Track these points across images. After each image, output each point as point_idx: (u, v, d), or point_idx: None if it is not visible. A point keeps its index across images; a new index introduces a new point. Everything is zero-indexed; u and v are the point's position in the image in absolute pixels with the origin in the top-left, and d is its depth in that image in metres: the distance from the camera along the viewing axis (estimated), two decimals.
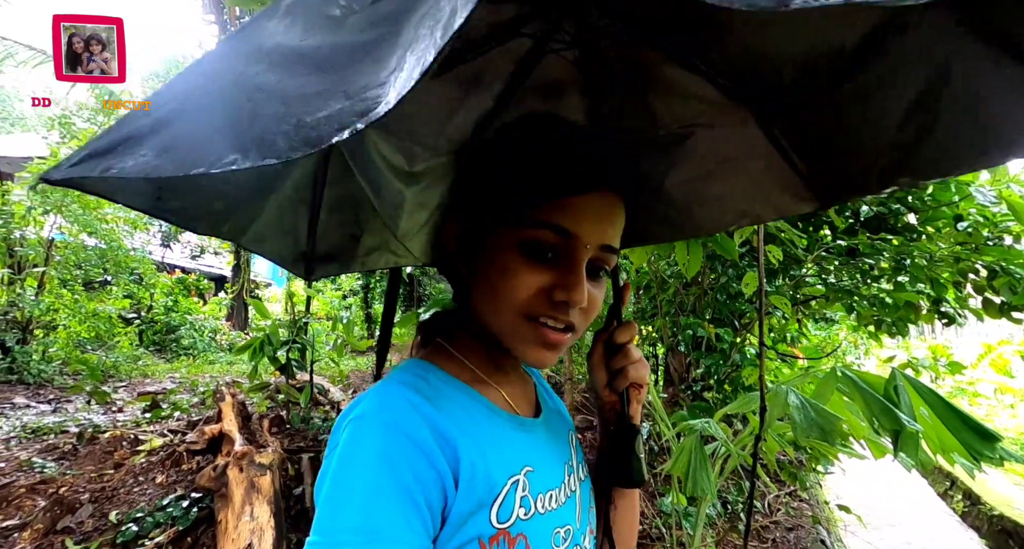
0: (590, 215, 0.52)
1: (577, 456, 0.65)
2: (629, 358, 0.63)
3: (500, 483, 0.49)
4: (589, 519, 0.62)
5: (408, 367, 0.56)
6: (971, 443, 1.02)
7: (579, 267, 0.51)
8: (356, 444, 0.44)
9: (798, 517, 3.63)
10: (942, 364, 7.05)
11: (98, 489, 2.34)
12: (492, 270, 0.53)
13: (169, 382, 6.53)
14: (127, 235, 8.72)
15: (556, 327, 0.52)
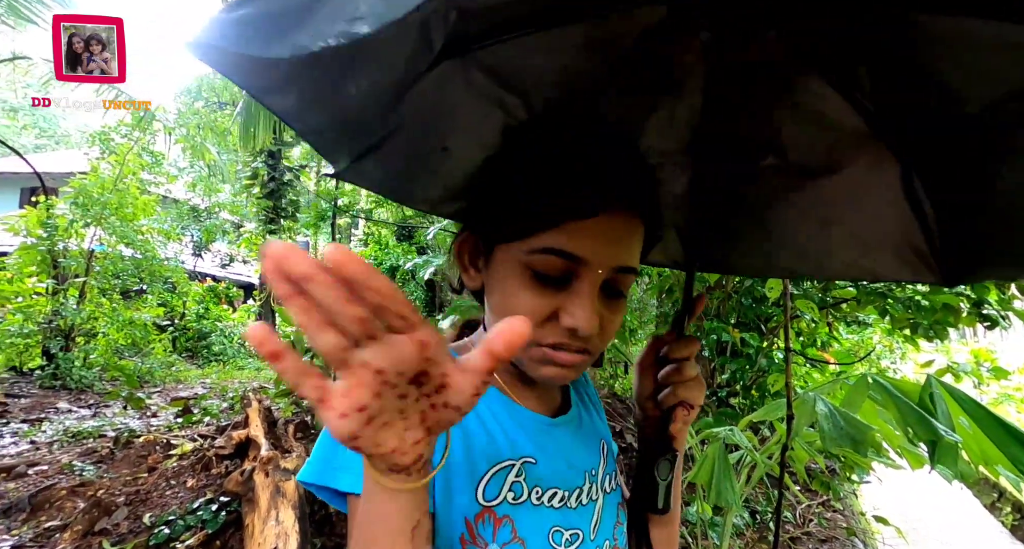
0: (602, 238, 0.48)
1: (608, 467, 0.63)
2: (683, 375, 0.59)
3: (487, 461, 0.50)
4: (614, 535, 0.59)
5: None
6: (1017, 454, 0.96)
7: (590, 294, 0.48)
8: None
9: (832, 528, 3.49)
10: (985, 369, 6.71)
11: (133, 492, 2.42)
12: (502, 288, 0.52)
13: (200, 388, 6.73)
14: (161, 245, 9.07)
15: (566, 349, 0.50)
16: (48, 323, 6.69)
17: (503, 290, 0.51)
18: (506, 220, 0.50)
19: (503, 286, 0.51)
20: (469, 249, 0.57)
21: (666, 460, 0.60)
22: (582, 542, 0.54)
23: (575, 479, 0.57)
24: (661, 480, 0.60)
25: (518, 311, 0.48)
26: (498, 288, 0.52)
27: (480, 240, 0.55)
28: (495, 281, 0.53)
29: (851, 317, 4.35)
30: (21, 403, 4.79)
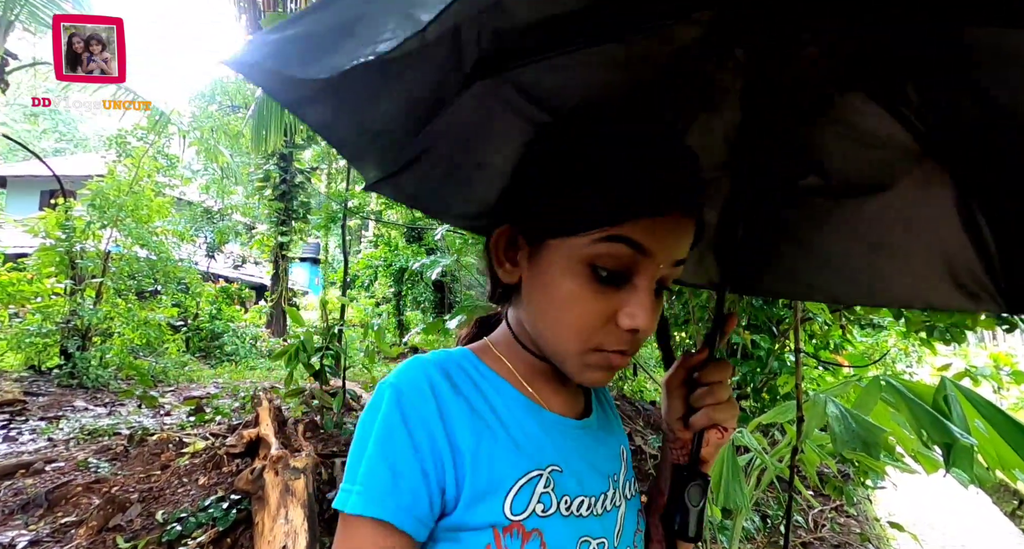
0: (669, 233, 0.48)
1: (627, 473, 0.61)
2: (716, 397, 0.56)
3: (512, 473, 0.48)
4: (635, 542, 0.58)
5: (454, 351, 0.56)
6: None
7: (650, 290, 0.48)
8: (370, 408, 0.48)
9: (845, 534, 3.44)
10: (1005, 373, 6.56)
11: (146, 489, 2.46)
12: (553, 288, 0.49)
13: (213, 387, 6.82)
14: (175, 247, 9.22)
15: (619, 351, 0.49)
16: (66, 323, 6.82)
17: (555, 288, 0.49)
18: (569, 212, 0.48)
19: (554, 283, 0.49)
20: (506, 242, 0.55)
21: (697, 485, 0.57)
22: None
23: (600, 484, 0.55)
24: (693, 506, 0.57)
25: (580, 313, 0.48)
26: (547, 285, 0.50)
27: (524, 233, 0.53)
28: (542, 277, 0.50)
29: (865, 320, 4.29)
30: (39, 401, 4.89)
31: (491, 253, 0.56)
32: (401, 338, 12.14)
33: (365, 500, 0.43)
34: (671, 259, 0.49)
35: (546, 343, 0.52)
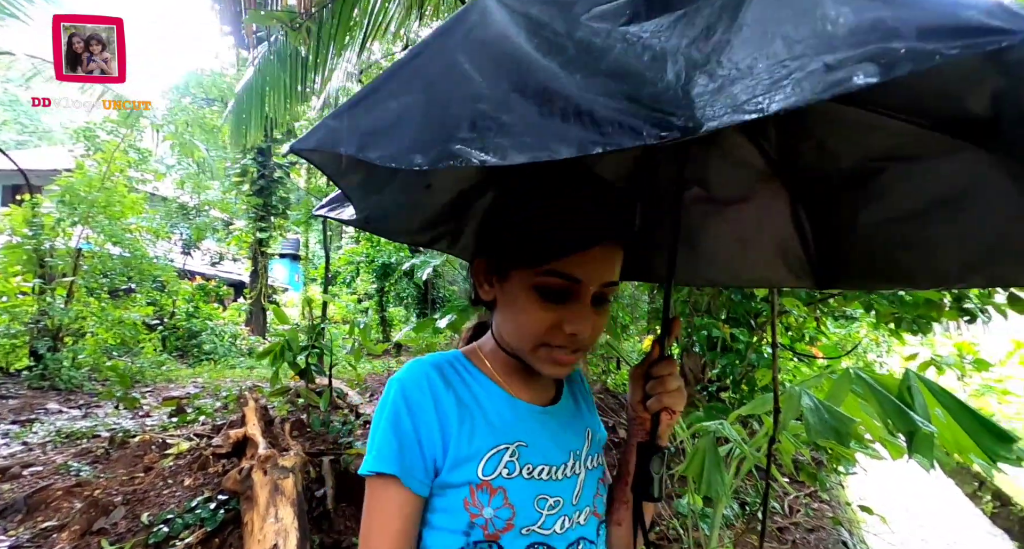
0: (596, 262, 0.62)
1: (591, 449, 0.74)
2: (665, 387, 0.69)
3: (487, 445, 0.63)
4: (593, 504, 0.71)
5: (448, 353, 0.72)
6: (987, 444, 1.02)
7: (585, 305, 0.63)
8: (383, 397, 0.65)
9: (819, 518, 3.58)
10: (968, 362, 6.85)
11: (130, 492, 2.43)
12: (513, 304, 0.65)
13: (192, 387, 6.70)
14: (150, 244, 8.97)
15: (566, 350, 0.64)
16: (35, 323, 6.60)
17: (516, 305, 0.65)
18: (524, 251, 0.63)
19: (516, 302, 0.64)
20: (484, 270, 0.70)
21: (657, 457, 0.70)
22: (563, 506, 0.66)
23: (560, 456, 0.68)
24: (655, 473, 0.69)
25: (530, 321, 0.63)
26: (512, 303, 0.66)
27: (495, 264, 0.68)
28: (509, 297, 0.66)
29: (839, 312, 4.44)
30: (10, 404, 4.74)
31: (473, 279, 0.72)
32: (384, 335, 12.08)
33: (378, 461, 0.60)
34: (600, 282, 0.63)
35: (510, 344, 0.69)
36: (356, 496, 2.52)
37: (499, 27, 0.39)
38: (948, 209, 0.66)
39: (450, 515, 0.62)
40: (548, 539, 0.64)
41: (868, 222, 0.76)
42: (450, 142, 0.34)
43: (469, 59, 0.39)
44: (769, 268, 0.95)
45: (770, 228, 0.90)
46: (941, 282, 0.77)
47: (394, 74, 0.44)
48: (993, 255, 0.64)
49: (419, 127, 0.38)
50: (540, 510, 0.64)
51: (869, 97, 0.63)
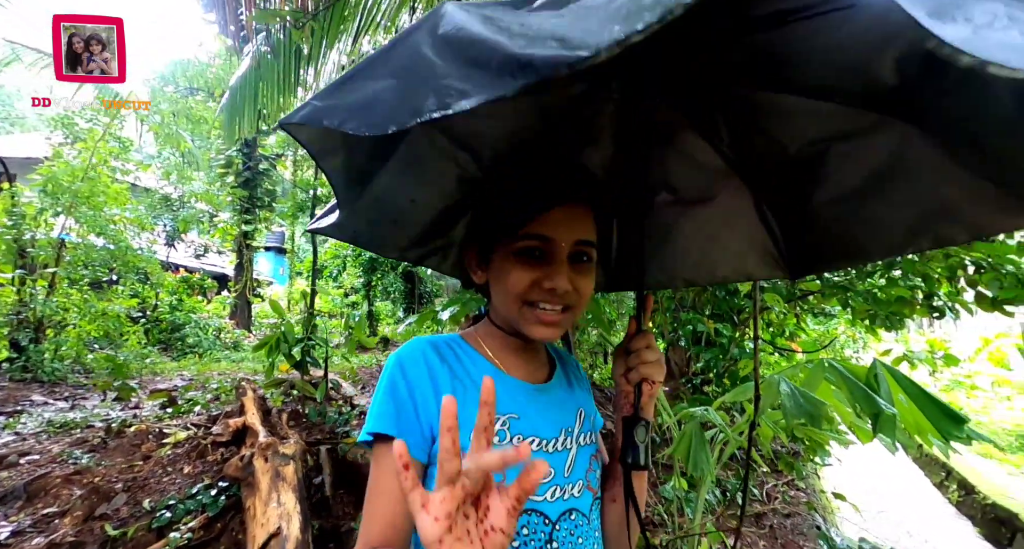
0: (563, 221, 0.69)
1: (583, 427, 0.79)
2: (642, 358, 0.75)
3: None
4: (587, 478, 0.75)
5: (446, 335, 0.79)
6: (942, 425, 1.14)
7: (559, 261, 0.69)
8: (384, 371, 0.71)
9: (795, 505, 3.76)
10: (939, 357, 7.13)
11: (130, 479, 2.47)
12: (500, 276, 0.72)
13: (179, 380, 6.66)
14: (135, 235, 8.84)
15: (552, 309, 0.70)
16: (16, 314, 6.49)
17: (503, 274, 0.71)
18: (497, 225, 0.71)
19: (502, 272, 0.71)
20: (474, 257, 0.78)
21: (641, 426, 0.75)
22: (554, 477, 0.70)
23: (551, 431, 0.73)
24: (640, 442, 0.74)
25: (513, 282, 0.69)
26: (499, 275, 0.72)
27: (480, 249, 0.76)
28: (496, 272, 0.73)
29: (818, 308, 4.62)
30: None
31: (467, 265, 0.80)
32: (371, 329, 12.06)
33: (376, 423, 0.65)
34: (571, 239, 0.69)
35: (503, 311, 0.74)
36: (353, 483, 2.59)
37: (457, 21, 0.46)
38: (885, 181, 0.72)
39: None
40: (539, 505, 0.68)
41: (820, 204, 0.82)
42: (417, 114, 0.42)
43: (432, 49, 0.46)
44: (743, 261, 1.01)
45: (738, 224, 0.96)
46: (893, 251, 0.79)
47: (371, 62, 0.52)
48: (932, 218, 0.70)
49: (392, 103, 0.47)
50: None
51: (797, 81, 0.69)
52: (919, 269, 2.73)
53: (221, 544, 2.13)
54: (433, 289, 14.03)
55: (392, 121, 0.45)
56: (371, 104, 0.49)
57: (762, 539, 3.02)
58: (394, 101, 0.47)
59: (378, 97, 0.48)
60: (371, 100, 0.49)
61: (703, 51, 0.71)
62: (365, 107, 0.49)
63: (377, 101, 0.48)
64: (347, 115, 0.49)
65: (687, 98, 0.83)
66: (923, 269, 2.75)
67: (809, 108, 0.71)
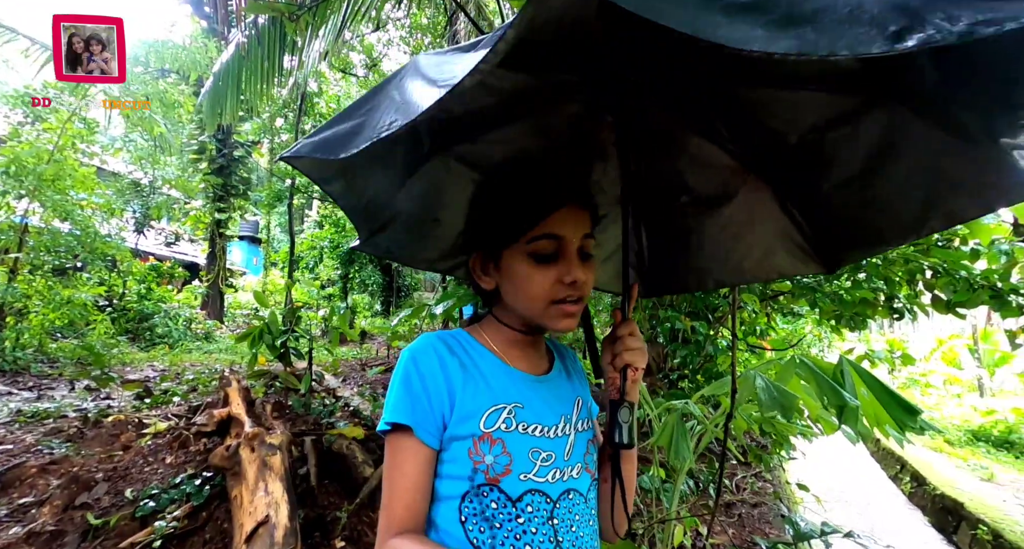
0: (570, 220, 0.75)
1: (580, 414, 0.84)
2: (626, 345, 0.80)
3: (488, 403, 0.73)
4: (584, 461, 0.80)
5: (453, 331, 0.83)
6: (898, 416, 1.25)
7: (573, 256, 0.75)
8: (398, 365, 0.75)
9: (762, 495, 3.94)
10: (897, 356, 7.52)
11: (110, 469, 2.44)
12: (514, 279, 0.76)
13: (150, 371, 6.51)
14: (102, 221, 8.52)
15: (573, 301, 0.75)
16: None
17: (519, 279, 0.76)
18: (508, 230, 0.75)
19: (517, 275, 0.76)
20: (480, 263, 0.82)
21: (625, 407, 0.80)
22: (555, 461, 0.75)
23: (552, 418, 0.78)
24: (623, 422, 0.80)
25: (535, 287, 0.75)
26: (513, 278, 0.77)
27: (486, 254, 0.80)
28: (509, 276, 0.77)
29: (787, 309, 4.83)
30: None
31: (472, 274, 0.83)
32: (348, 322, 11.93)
33: (393, 413, 0.70)
34: (579, 234, 0.75)
35: (524, 313, 0.79)
36: (338, 474, 2.62)
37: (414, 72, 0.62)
38: (886, 161, 0.73)
39: (457, 464, 0.70)
40: (542, 486, 0.72)
41: (830, 190, 0.84)
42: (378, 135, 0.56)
43: (398, 92, 0.61)
44: (773, 258, 1.01)
45: (762, 220, 0.96)
46: (909, 233, 0.79)
47: (352, 108, 0.67)
48: (940, 194, 0.71)
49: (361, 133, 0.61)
50: (534, 461, 0.73)
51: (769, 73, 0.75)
52: (882, 272, 2.90)
53: (207, 533, 2.14)
54: (412, 282, 13.96)
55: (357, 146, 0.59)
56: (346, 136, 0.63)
57: (731, 527, 3.17)
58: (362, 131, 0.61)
59: (351, 131, 0.63)
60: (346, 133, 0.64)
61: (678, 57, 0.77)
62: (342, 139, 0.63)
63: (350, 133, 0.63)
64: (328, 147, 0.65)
65: (676, 105, 0.89)
66: (886, 272, 2.92)
67: (793, 98, 0.78)
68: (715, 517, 1.79)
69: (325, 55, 4.30)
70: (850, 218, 0.87)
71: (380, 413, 3.29)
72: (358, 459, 2.62)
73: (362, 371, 5.66)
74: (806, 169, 0.85)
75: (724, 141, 0.92)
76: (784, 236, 0.97)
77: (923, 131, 0.67)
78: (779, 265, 1.02)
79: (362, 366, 6.10)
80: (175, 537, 2.07)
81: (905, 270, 2.89)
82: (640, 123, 0.90)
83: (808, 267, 0.98)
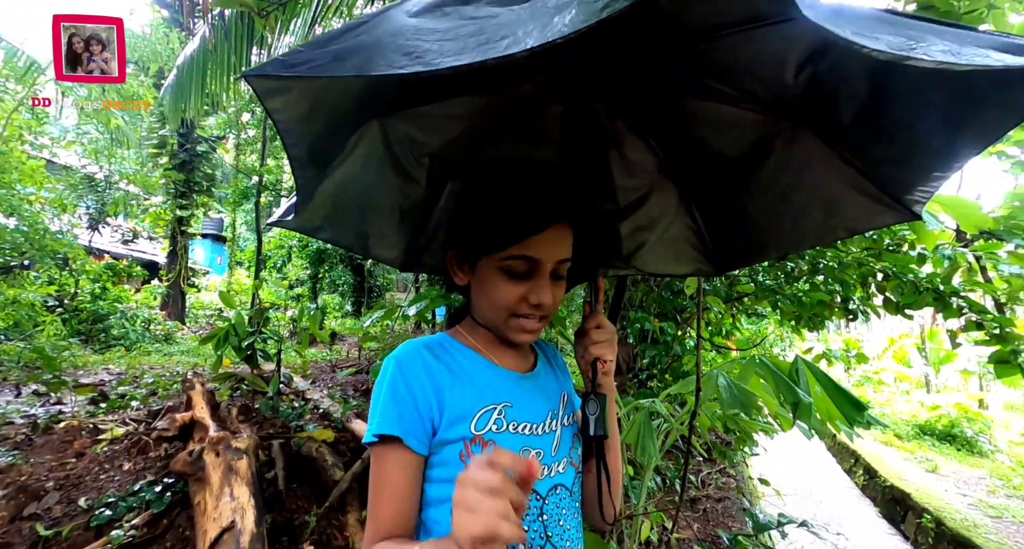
0: (549, 243, 0.74)
1: (565, 410, 0.85)
2: (594, 338, 0.83)
3: (478, 405, 0.73)
4: (570, 455, 0.82)
5: (435, 335, 0.82)
6: (848, 412, 1.33)
7: (544, 279, 0.75)
8: (382, 373, 0.74)
9: (726, 490, 4.08)
10: (852, 355, 7.91)
11: (62, 477, 2.33)
12: (485, 285, 0.77)
13: (105, 374, 6.21)
14: (52, 218, 8.09)
15: (534, 319, 0.77)
16: None
17: (488, 285, 0.76)
18: (488, 241, 0.75)
19: (488, 284, 0.76)
20: (456, 260, 0.82)
21: (592, 399, 0.82)
22: (544, 457, 0.76)
23: (540, 415, 0.79)
24: (591, 414, 0.82)
25: (501, 298, 0.75)
26: (483, 284, 0.77)
27: (463, 254, 0.80)
28: (481, 282, 0.78)
29: (751, 309, 5.01)
30: None
31: (448, 268, 0.83)
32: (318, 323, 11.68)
33: (381, 424, 0.68)
34: (555, 259, 0.75)
35: (485, 319, 0.80)
36: (307, 477, 2.58)
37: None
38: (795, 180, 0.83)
39: (448, 468, 0.69)
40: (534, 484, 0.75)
41: (743, 205, 0.93)
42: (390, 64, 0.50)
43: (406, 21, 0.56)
44: (676, 260, 1.07)
45: (671, 218, 1.03)
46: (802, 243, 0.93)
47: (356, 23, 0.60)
48: (836, 207, 0.83)
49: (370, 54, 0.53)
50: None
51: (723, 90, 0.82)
52: (838, 276, 3.04)
53: (167, 541, 2.07)
54: (383, 283, 13.78)
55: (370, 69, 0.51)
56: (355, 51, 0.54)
57: (696, 521, 3.27)
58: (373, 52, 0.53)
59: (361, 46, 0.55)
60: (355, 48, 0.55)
61: (640, 58, 0.81)
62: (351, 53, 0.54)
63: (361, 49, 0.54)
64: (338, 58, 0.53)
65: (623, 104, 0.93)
66: (841, 276, 3.06)
67: (733, 118, 0.83)
68: (679, 512, 1.85)
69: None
70: (757, 230, 0.96)
71: (350, 415, 3.26)
72: (327, 462, 2.58)
73: (332, 373, 5.56)
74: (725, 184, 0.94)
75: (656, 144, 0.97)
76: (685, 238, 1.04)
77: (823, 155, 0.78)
78: (680, 267, 1.09)
79: (332, 368, 5.99)
80: (133, 546, 1.99)
81: (859, 273, 3.04)
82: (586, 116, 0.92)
83: (701, 269, 1.06)
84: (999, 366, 2.02)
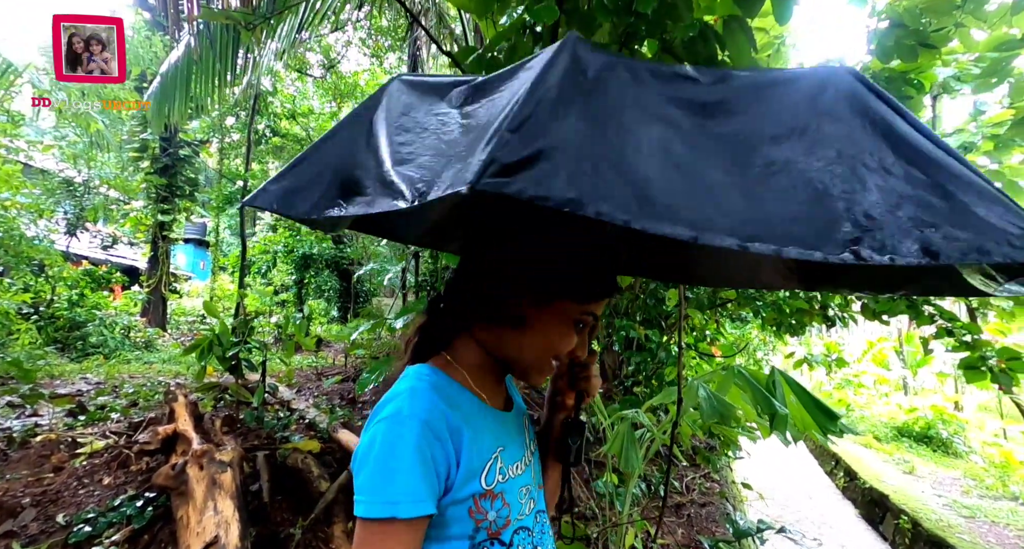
0: (603, 305, 0.80)
1: (530, 436, 0.87)
2: (588, 372, 0.86)
3: (486, 458, 0.69)
4: (541, 479, 0.86)
5: (427, 374, 0.73)
6: (821, 421, 1.38)
7: (586, 337, 0.80)
8: (399, 435, 0.62)
9: (710, 495, 4.13)
10: (832, 359, 8.06)
11: (39, 493, 2.28)
12: (548, 328, 0.73)
13: (83, 384, 6.07)
14: (28, 223, 7.90)
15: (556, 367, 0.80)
16: None
17: (552, 331, 0.74)
18: (578, 291, 0.74)
19: (553, 329, 0.74)
20: (529, 295, 0.73)
21: (576, 430, 0.88)
22: (531, 491, 0.78)
23: (522, 450, 0.80)
24: (572, 443, 0.88)
25: (561, 344, 0.75)
26: (548, 328, 0.74)
27: (539, 295, 0.73)
28: (545, 323, 0.73)
29: (735, 315, 5.10)
30: None
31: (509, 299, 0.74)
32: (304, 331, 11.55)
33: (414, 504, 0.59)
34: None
35: (526, 354, 0.76)
36: (292, 489, 2.56)
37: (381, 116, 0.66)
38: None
39: (456, 525, 0.66)
40: (525, 521, 0.74)
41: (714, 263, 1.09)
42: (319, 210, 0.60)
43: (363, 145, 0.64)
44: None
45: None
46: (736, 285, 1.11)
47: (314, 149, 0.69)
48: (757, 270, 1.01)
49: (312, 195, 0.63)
50: (522, 500, 0.74)
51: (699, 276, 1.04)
52: None
53: None
54: (370, 288, 13.69)
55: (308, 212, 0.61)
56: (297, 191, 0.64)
57: (681, 527, 3.31)
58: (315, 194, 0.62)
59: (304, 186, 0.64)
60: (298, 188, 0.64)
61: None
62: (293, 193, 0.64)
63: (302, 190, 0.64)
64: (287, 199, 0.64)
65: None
66: None
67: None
68: (662, 518, 1.89)
69: (282, 55, 4.22)
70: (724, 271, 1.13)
71: (336, 426, 3.24)
72: (313, 473, 2.56)
73: (318, 381, 5.51)
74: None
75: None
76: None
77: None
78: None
79: (318, 375, 5.93)
80: None
81: None
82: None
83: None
84: (968, 372, 2.10)
